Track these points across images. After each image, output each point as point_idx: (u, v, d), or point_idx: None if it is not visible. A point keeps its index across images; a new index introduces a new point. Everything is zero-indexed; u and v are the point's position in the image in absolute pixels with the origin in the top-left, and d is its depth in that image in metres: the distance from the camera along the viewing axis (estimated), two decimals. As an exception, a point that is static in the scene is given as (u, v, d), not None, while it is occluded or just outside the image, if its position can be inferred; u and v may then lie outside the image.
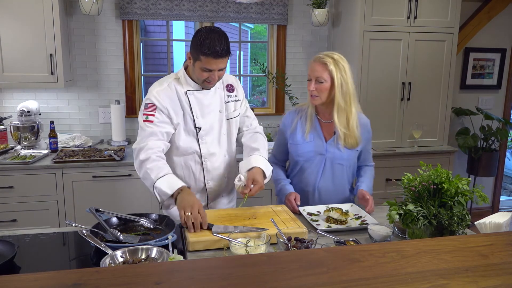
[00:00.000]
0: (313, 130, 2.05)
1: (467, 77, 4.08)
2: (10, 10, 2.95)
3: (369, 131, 2.13)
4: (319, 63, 1.95)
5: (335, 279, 0.79)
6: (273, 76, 3.73)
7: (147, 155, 1.80)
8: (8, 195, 2.85)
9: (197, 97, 1.93)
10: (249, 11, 3.62)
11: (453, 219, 1.47)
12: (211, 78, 1.84)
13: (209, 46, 1.74)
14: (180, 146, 1.94)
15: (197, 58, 1.80)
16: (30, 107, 3.18)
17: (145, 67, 5.58)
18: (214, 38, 1.76)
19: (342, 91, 1.94)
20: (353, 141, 2.01)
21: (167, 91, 1.90)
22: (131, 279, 0.78)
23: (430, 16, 3.38)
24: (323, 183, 2.08)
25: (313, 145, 2.04)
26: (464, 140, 3.92)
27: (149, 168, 1.78)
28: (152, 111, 1.86)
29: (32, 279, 0.77)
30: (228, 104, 2.02)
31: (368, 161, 2.22)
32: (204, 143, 1.97)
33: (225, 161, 2.05)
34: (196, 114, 1.93)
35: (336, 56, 1.95)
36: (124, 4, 3.38)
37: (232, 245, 1.47)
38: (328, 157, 2.04)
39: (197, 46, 1.77)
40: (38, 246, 1.61)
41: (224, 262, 0.91)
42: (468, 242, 0.98)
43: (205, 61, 1.78)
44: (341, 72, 1.93)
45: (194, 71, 1.87)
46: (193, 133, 1.95)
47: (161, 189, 1.74)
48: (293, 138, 2.08)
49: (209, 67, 1.80)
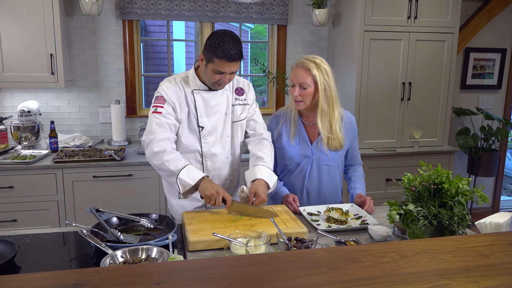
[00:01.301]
0: (298, 134, 2.07)
1: (467, 77, 4.08)
2: (10, 10, 2.95)
3: (354, 128, 2.13)
4: (302, 69, 1.94)
5: (335, 279, 0.79)
6: (273, 76, 3.73)
7: (161, 146, 1.84)
8: (8, 195, 2.85)
9: (204, 97, 1.96)
10: (249, 11, 3.62)
11: (453, 219, 1.47)
12: (222, 81, 1.87)
13: (223, 49, 1.78)
14: (182, 142, 1.97)
15: (210, 60, 1.83)
16: (31, 107, 3.18)
17: (145, 67, 5.58)
18: (228, 41, 1.79)
19: (325, 95, 1.95)
20: (336, 144, 2.03)
21: (175, 87, 1.94)
22: (131, 279, 0.78)
23: (430, 16, 3.38)
24: (310, 185, 2.10)
25: (299, 148, 2.06)
26: (464, 140, 3.92)
27: (166, 160, 1.82)
28: (161, 103, 1.90)
29: (32, 279, 0.77)
30: (235, 107, 2.04)
31: (355, 160, 2.22)
32: (206, 143, 1.99)
33: (228, 163, 2.07)
34: (200, 114, 1.95)
35: (318, 60, 1.96)
36: (124, 4, 3.38)
37: (232, 245, 1.47)
38: (314, 158, 2.06)
39: (211, 48, 1.81)
40: (38, 246, 1.61)
41: (224, 262, 0.91)
42: (468, 242, 0.98)
43: (218, 63, 1.81)
44: (324, 76, 1.94)
45: (206, 73, 1.89)
46: (196, 132, 1.98)
47: (184, 180, 1.78)
48: (279, 142, 2.10)
49: (221, 70, 1.82)
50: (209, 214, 1.81)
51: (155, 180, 3.03)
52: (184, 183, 1.79)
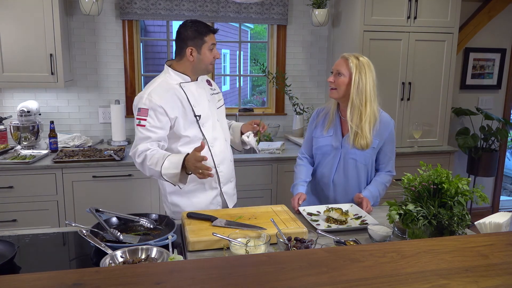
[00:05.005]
0: (333, 126, 2.13)
1: (467, 77, 4.08)
2: (10, 10, 2.95)
3: (389, 132, 2.11)
4: (343, 58, 2.06)
5: (335, 279, 0.79)
6: (273, 76, 3.73)
7: (141, 156, 1.93)
8: (8, 195, 2.85)
9: (190, 88, 2.06)
10: (249, 11, 3.62)
11: (453, 219, 1.47)
12: (216, 55, 2.05)
13: (205, 26, 2.01)
14: (187, 135, 2.02)
15: (201, 42, 1.99)
16: (30, 107, 3.18)
17: (145, 67, 5.58)
18: (201, 22, 2.03)
19: (357, 89, 2.00)
20: (363, 142, 2.03)
21: (158, 89, 1.99)
22: (131, 279, 0.77)
23: (430, 16, 3.38)
24: (337, 177, 2.13)
25: (331, 139, 2.12)
26: (464, 140, 3.92)
27: (149, 164, 1.89)
28: (144, 115, 1.97)
29: (32, 279, 0.76)
30: (213, 95, 2.20)
31: (384, 166, 2.17)
32: (206, 129, 2.07)
33: (227, 145, 2.19)
34: (193, 103, 2.03)
35: (361, 58, 2.04)
36: (124, 4, 3.38)
37: (232, 245, 1.47)
38: (343, 151, 2.10)
39: (196, 33, 1.98)
40: (38, 246, 1.61)
41: (224, 262, 0.91)
42: (468, 242, 0.98)
43: (210, 38, 2.00)
44: (361, 70, 2.00)
45: (202, 60, 2.02)
46: (194, 122, 2.04)
47: (170, 173, 1.84)
48: (315, 132, 2.19)
49: (214, 42, 2.03)
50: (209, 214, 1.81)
51: (154, 180, 3.03)
52: (170, 175, 1.85)
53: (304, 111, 3.68)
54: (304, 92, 3.87)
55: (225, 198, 2.16)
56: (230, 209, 1.97)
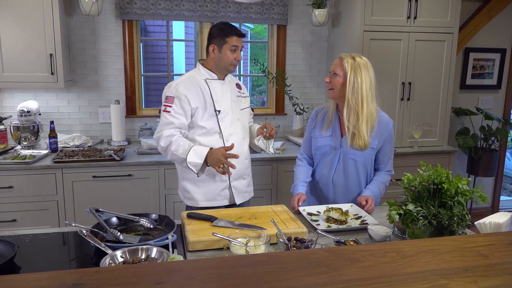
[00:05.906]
0: (332, 126, 2.13)
1: (467, 77, 4.08)
2: (10, 10, 2.95)
3: (389, 133, 2.12)
4: (339, 59, 2.08)
5: (335, 279, 0.79)
6: (273, 76, 3.73)
7: (167, 141, 2.10)
8: (8, 195, 2.85)
9: (215, 84, 2.23)
10: (249, 11, 3.62)
11: (453, 219, 1.47)
12: (238, 58, 2.19)
13: (231, 28, 2.16)
14: (204, 127, 2.18)
15: (223, 42, 2.15)
16: (30, 107, 3.18)
17: (145, 67, 5.58)
18: (229, 25, 2.19)
19: (352, 89, 2.00)
20: (361, 143, 2.03)
21: (185, 82, 2.19)
22: (131, 279, 0.78)
23: (430, 16, 3.38)
24: (337, 177, 2.13)
25: (329, 139, 2.12)
26: (464, 140, 3.92)
27: (173, 150, 2.09)
28: (170, 102, 2.15)
29: (32, 279, 0.77)
30: (239, 98, 2.34)
31: (385, 165, 2.18)
32: (224, 124, 2.21)
33: (245, 143, 2.31)
34: (216, 99, 2.20)
35: (359, 59, 2.03)
36: (124, 4, 3.38)
37: (232, 245, 1.47)
38: (342, 151, 2.09)
39: (220, 33, 2.15)
40: (38, 246, 1.61)
41: (224, 262, 0.91)
42: (468, 242, 0.98)
43: (231, 40, 2.15)
44: (356, 72, 2.00)
45: (222, 59, 2.18)
46: (214, 115, 2.19)
47: (194, 161, 2.06)
48: (314, 132, 2.19)
49: (237, 44, 2.16)
50: (210, 214, 1.81)
51: (154, 180, 3.04)
52: (194, 164, 2.06)
53: (304, 111, 3.68)
54: (304, 92, 3.87)
55: (234, 192, 2.27)
56: (231, 209, 1.97)
